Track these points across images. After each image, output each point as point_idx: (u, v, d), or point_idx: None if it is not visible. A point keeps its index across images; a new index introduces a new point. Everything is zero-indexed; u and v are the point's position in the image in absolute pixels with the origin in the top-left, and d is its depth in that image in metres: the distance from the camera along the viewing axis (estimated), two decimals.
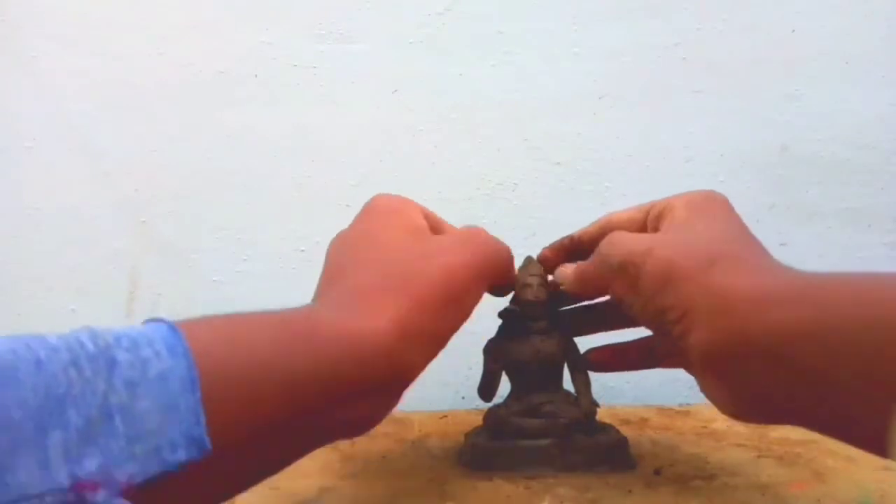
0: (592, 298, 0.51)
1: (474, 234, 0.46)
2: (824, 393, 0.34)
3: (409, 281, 0.39)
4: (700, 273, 0.38)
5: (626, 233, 0.45)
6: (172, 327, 0.30)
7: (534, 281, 0.52)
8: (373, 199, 0.45)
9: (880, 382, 0.32)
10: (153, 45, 0.73)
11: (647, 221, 0.47)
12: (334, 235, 0.44)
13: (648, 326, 0.44)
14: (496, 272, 0.46)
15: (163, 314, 0.32)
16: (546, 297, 0.52)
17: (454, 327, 0.41)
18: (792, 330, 0.34)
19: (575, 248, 0.52)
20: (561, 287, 0.51)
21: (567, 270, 0.50)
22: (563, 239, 0.53)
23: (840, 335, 0.33)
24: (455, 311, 0.41)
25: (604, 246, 0.44)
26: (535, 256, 0.54)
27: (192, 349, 0.29)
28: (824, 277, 0.36)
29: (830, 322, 0.33)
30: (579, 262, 0.50)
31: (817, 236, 0.76)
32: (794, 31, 0.76)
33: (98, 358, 0.27)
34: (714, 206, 0.45)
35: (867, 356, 0.32)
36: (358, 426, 0.38)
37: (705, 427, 0.61)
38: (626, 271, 0.41)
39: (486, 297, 0.48)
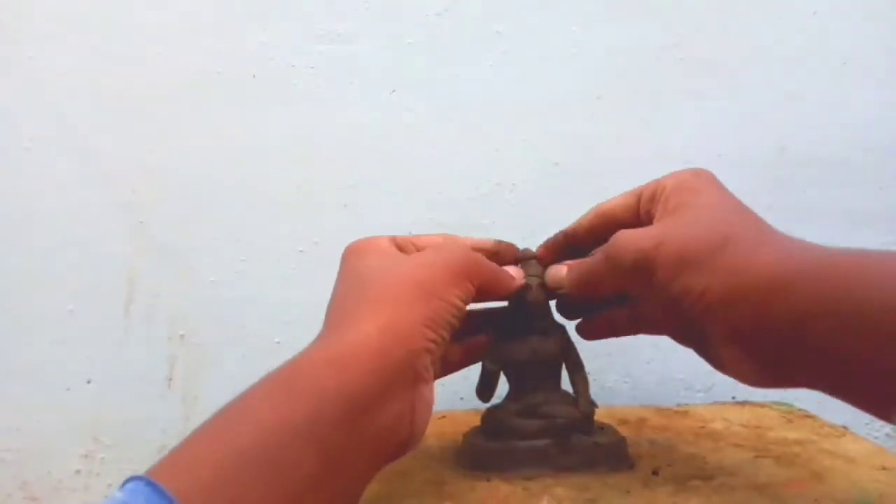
0: (595, 299, 0.52)
1: (444, 241, 0.49)
2: (842, 365, 0.36)
3: (384, 290, 0.41)
4: (714, 256, 0.40)
5: (632, 231, 0.45)
6: (154, 487, 0.30)
7: (532, 281, 0.52)
8: (345, 249, 0.47)
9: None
10: (151, 45, 0.73)
11: (640, 205, 0.48)
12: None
13: (665, 316, 0.46)
14: (469, 269, 0.45)
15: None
16: (545, 297, 0.52)
17: (436, 316, 0.41)
18: (812, 309, 0.36)
19: (570, 243, 0.52)
20: (559, 291, 0.51)
21: (560, 273, 0.50)
22: (556, 235, 0.53)
23: (858, 313, 0.35)
24: (433, 302, 0.42)
25: (611, 248, 0.45)
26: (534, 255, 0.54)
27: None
28: (835, 255, 0.39)
29: (849, 300, 0.36)
30: (572, 263, 0.50)
31: (815, 237, 0.74)
32: (792, 31, 0.76)
33: None
34: (704, 184, 0.46)
35: (886, 332, 0.34)
36: (395, 434, 0.39)
37: (703, 427, 0.61)
38: (639, 268, 0.42)
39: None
